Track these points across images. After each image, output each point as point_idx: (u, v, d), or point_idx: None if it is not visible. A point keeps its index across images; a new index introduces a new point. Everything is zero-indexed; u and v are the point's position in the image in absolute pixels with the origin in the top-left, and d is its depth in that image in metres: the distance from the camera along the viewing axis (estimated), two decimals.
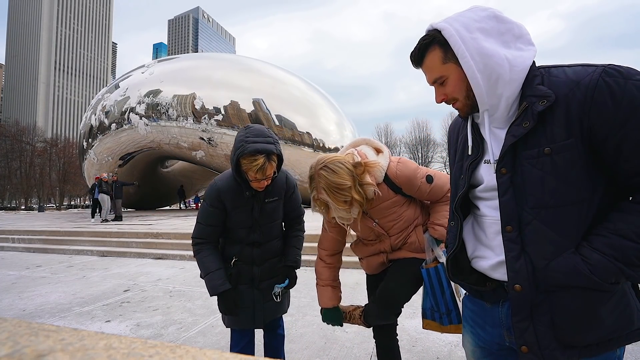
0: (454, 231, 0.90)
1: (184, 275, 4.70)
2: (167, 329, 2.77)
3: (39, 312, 3.32)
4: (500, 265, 0.79)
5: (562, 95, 0.70)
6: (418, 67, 0.86)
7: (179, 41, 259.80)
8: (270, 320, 1.69)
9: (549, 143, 0.71)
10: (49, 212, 27.55)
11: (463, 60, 0.76)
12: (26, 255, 7.04)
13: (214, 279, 1.49)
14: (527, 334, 0.73)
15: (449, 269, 0.90)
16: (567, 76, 0.72)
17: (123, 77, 16.93)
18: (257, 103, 14.09)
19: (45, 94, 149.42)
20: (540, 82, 0.74)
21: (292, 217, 1.74)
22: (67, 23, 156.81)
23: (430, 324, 1.37)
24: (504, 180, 0.76)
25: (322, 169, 1.29)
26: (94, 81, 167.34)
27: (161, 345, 0.25)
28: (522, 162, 0.74)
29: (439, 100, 0.85)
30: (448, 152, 1.08)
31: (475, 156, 0.86)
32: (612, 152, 0.68)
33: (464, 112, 0.85)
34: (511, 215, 0.74)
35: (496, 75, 0.75)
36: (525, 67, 0.76)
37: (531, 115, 0.72)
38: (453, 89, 0.81)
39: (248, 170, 1.41)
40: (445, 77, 0.81)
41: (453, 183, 0.95)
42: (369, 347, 2.35)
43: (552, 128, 0.71)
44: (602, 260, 0.66)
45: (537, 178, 0.72)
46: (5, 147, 41.59)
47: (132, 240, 7.08)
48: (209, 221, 1.58)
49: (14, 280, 4.71)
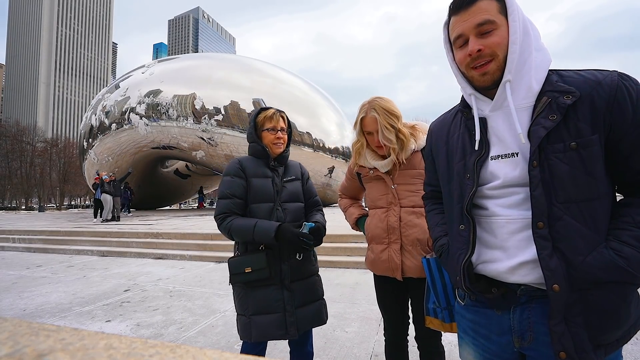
0: (465, 235, 0.83)
1: (184, 275, 4.71)
2: (167, 329, 2.77)
3: (40, 311, 3.32)
4: (520, 267, 0.75)
5: (586, 92, 0.71)
6: (464, 9, 0.78)
7: (179, 41, 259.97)
8: (301, 333, 1.49)
9: (574, 138, 0.70)
10: (50, 212, 27.56)
11: (513, 20, 0.75)
12: (26, 255, 7.05)
13: (263, 224, 1.42)
14: (564, 339, 0.69)
15: (464, 279, 0.81)
16: (585, 77, 0.74)
17: (123, 77, 16.94)
18: (257, 103, 14.09)
19: (45, 94, 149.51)
20: (557, 80, 0.75)
21: (312, 202, 1.72)
22: (68, 23, 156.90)
23: (433, 321, 1.30)
24: (535, 174, 0.72)
25: (376, 98, 1.44)
26: (94, 81, 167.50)
27: (161, 345, 0.25)
28: (549, 156, 0.72)
29: (475, 49, 0.76)
30: (432, 157, 1.02)
31: (481, 152, 0.82)
32: (625, 150, 0.71)
33: (492, 79, 0.78)
34: (542, 211, 0.71)
35: (528, 54, 0.75)
36: (550, 60, 0.77)
37: (557, 109, 0.72)
38: (500, 40, 0.75)
39: (263, 123, 1.60)
40: (496, 25, 0.76)
41: (456, 184, 0.88)
42: (369, 347, 2.35)
43: (575, 123, 0.71)
44: (634, 253, 0.67)
45: (566, 172, 0.70)
46: (6, 147, 41.60)
47: (133, 240, 7.09)
48: (233, 191, 1.50)
49: (14, 280, 4.71)
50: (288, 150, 1.68)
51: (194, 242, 6.43)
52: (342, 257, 5.07)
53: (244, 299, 1.49)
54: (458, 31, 0.79)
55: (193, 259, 5.86)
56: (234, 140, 14.02)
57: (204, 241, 6.42)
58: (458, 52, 0.82)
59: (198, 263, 5.59)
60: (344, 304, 3.25)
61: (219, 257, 5.69)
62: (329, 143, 15.06)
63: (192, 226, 8.12)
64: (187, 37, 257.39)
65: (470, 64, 0.79)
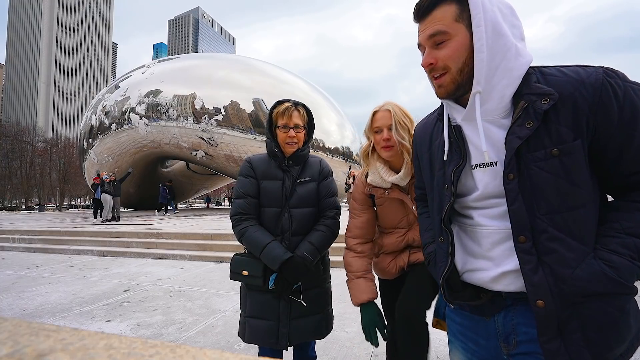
0: (444, 248, 0.81)
1: (184, 275, 4.71)
2: (167, 329, 2.77)
3: (40, 311, 3.32)
4: (503, 276, 0.73)
5: (567, 93, 0.66)
6: (420, 19, 0.75)
7: (179, 41, 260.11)
8: (294, 344, 1.47)
9: (555, 144, 0.66)
10: (50, 212, 27.56)
11: (476, 25, 0.69)
12: (26, 255, 7.05)
13: (274, 248, 1.35)
14: (560, 357, 0.65)
15: (444, 291, 0.81)
16: (568, 75, 0.68)
17: (123, 77, 16.96)
18: (257, 103, 14.10)
19: (45, 94, 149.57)
20: (536, 80, 0.70)
21: (325, 204, 1.52)
22: (68, 23, 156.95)
23: (441, 323, 1.25)
24: (512, 187, 0.68)
25: (391, 101, 1.41)
26: (94, 81, 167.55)
27: (161, 345, 0.25)
28: (529, 166, 0.67)
29: (427, 62, 0.74)
30: (418, 160, 0.98)
31: (459, 161, 0.77)
32: (612, 153, 0.66)
33: (446, 91, 0.75)
34: (523, 225, 0.67)
35: (501, 58, 0.69)
36: (529, 61, 0.71)
37: (534, 115, 0.66)
38: (452, 53, 0.71)
39: (277, 118, 1.46)
40: (449, 36, 0.71)
41: (436, 194, 0.85)
42: (369, 346, 2.35)
43: (557, 127, 0.66)
44: (623, 261, 0.63)
45: (547, 182, 0.66)
46: (6, 147, 41.62)
47: (133, 240, 7.09)
48: (247, 191, 1.46)
49: (14, 280, 4.71)
50: (306, 148, 1.52)
51: (194, 242, 6.43)
52: (342, 257, 5.06)
53: (244, 298, 1.50)
54: (418, 40, 0.77)
55: (193, 259, 5.86)
56: (234, 140, 14.04)
57: (204, 241, 6.42)
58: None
59: (198, 263, 5.59)
60: (344, 304, 3.24)
61: (219, 257, 5.69)
62: (329, 143, 15.08)
63: (192, 226, 8.12)
64: (187, 37, 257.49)
65: (429, 75, 0.77)
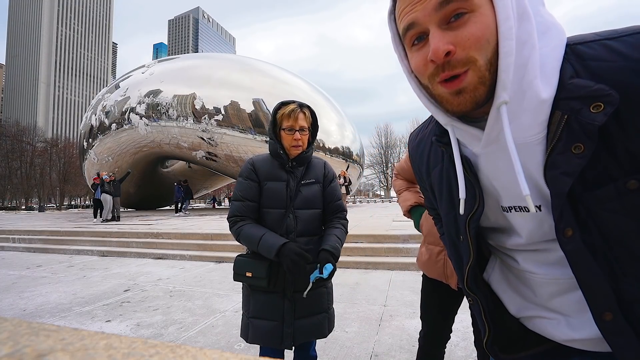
0: (476, 310, 0.63)
1: (184, 275, 4.71)
2: (167, 329, 2.77)
3: (40, 311, 3.32)
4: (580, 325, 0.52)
5: (633, 87, 0.41)
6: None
7: (179, 41, 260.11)
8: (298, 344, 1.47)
9: (631, 172, 0.42)
10: (50, 212, 27.56)
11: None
12: (26, 255, 7.05)
13: (269, 238, 1.34)
14: None
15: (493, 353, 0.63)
16: (624, 55, 0.42)
17: (123, 77, 16.96)
18: (257, 103, 14.10)
19: (45, 94, 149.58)
20: (573, 72, 0.45)
21: (332, 208, 1.51)
22: (68, 23, 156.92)
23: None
24: (575, 248, 0.47)
25: None
26: (94, 81, 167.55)
27: (161, 345, 0.25)
28: (596, 211, 0.45)
29: (441, 50, 0.44)
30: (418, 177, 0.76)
31: (473, 206, 0.55)
32: None
33: (474, 100, 0.46)
34: (604, 296, 0.46)
35: (530, 47, 0.44)
36: (562, 41, 0.47)
37: (582, 132, 0.43)
38: (480, 33, 0.43)
39: (283, 120, 1.43)
40: (472, 6, 0.43)
41: (449, 239, 0.66)
42: (369, 347, 2.35)
43: (626, 146, 0.42)
44: None
45: (629, 229, 0.44)
46: (6, 147, 41.66)
47: (133, 240, 7.09)
48: (245, 194, 1.44)
49: (14, 280, 4.71)
50: (310, 149, 1.51)
51: (194, 242, 6.43)
52: (342, 257, 5.07)
53: (247, 299, 1.50)
54: (408, 19, 0.47)
55: (193, 259, 5.86)
56: (234, 140, 14.04)
57: (204, 241, 6.42)
58: (414, 55, 0.50)
59: (198, 263, 5.59)
60: (344, 304, 3.25)
61: (219, 257, 5.69)
62: (329, 143, 15.09)
63: (192, 226, 8.12)
64: (187, 37, 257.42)
65: (436, 76, 0.47)
